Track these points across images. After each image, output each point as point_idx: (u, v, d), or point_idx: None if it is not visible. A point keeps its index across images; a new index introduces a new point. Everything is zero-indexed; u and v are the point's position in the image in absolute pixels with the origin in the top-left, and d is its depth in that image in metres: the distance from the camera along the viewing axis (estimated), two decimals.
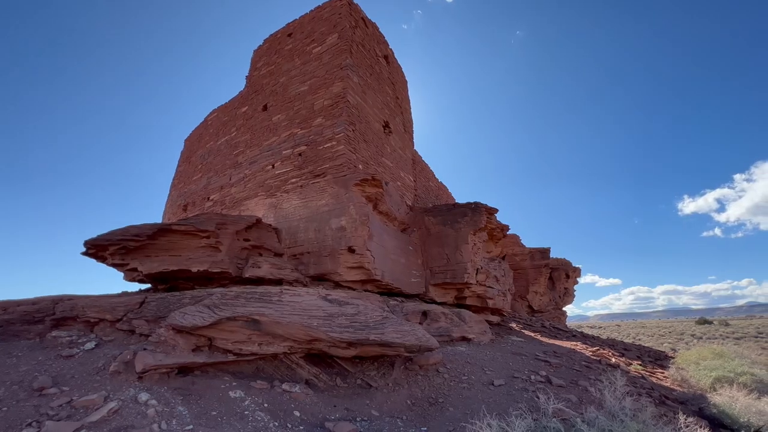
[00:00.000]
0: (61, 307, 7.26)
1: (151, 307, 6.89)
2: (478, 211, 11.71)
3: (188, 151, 17.03)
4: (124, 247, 7.72)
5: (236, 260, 8.31)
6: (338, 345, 5.75)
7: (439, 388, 6.37)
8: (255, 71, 14.22)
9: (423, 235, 12.17)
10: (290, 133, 11.66)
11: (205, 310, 5.78)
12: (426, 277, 11.69)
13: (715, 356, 9.28)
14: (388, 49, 14.61)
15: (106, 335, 6.80)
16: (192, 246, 7.84)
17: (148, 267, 7.78)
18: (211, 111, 16.11)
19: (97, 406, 4.21)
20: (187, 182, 15.80)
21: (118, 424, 3.97)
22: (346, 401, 5.77)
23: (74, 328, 7.08)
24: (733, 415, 5.83)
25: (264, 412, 4.88)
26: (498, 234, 13.33)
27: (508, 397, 6.04)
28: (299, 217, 10.26)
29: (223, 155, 14.12)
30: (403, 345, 5.99)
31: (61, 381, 4.89)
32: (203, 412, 4.58)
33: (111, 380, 4.94)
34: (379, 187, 10.18)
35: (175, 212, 15.68)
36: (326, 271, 9.34)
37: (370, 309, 6.43)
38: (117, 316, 6.93)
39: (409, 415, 5.61)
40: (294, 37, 13.15)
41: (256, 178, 12.13)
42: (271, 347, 5.83)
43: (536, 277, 23.87)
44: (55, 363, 5.46)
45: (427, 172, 17.14)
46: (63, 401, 4.31)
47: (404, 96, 15.55)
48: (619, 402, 4.72)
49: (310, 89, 11.72)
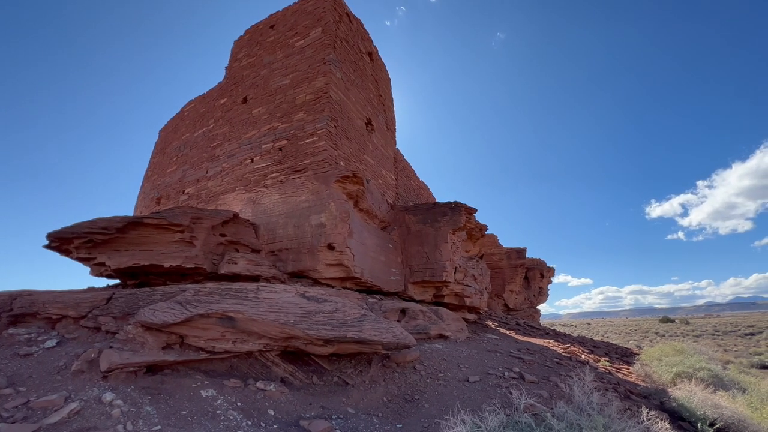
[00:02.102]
0: (19, 303, 6.84)
1: (118, 304, 6.60)
2: (457, 210, 11.86)
3: (163, 142, 16.40)
4: (91, 240, 7.35)
5: (211, 256, 8.08)
6: (315, 342, 5.69)
7: (415, 385, 6.42)
8: (235, 62, 13.84)
9: (403, 234, 12.22)
10: (271, 126, 11.43)
11: (177, 306, 5.58)
12: (405, 275, 11.75)
13: (676, 353, 9.80)
14: (372, 46, 14.55)
15: (69, 333, 6.46)
16: (165, 240, 7.56)
17: (117, 261, 7.45)
18: (188, 102, 15.57)
19: (57, 407, 3.99)
20: (161, 174, 15.22)
21: (80, 426, 3.78)
22: (322, 399, 5.72)
23: (34, 325, 6.68)
24: (691, 408, 6.17)
25: (237, 411, 4.77)
26: (476, 234, 13.55)
27: (482, 394, 6.15)
28: (278, 213, 10.09)
29: (199, 148, 13.68)
30: (380, 342, 6.00)
31: (17, 381, 4.61)
32: (173, 411, 4.43)
33: (73, 380, 4.70)
34: (361, 185, 10.14)
35: (148, 205, 15.08)
36: (305, 268, 9.22)
37: (348, 306, 6.40)
38: (81, 313, 6.60)
39: (384, 412, 5.62)
40: (276, 29, 12.88)
41: (235, 172, 11.83)
42: (246, 345, 5.70)
43: (512, 277, 24.47)
44: (11, 362, 5.14)
45: (408, 171, 17.21)
46: (19, 402, 4.06)
47: (387, 94, 15.53)
48: (587, 397, 4.89)
49: (292, 83, 11.52)
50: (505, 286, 24.17)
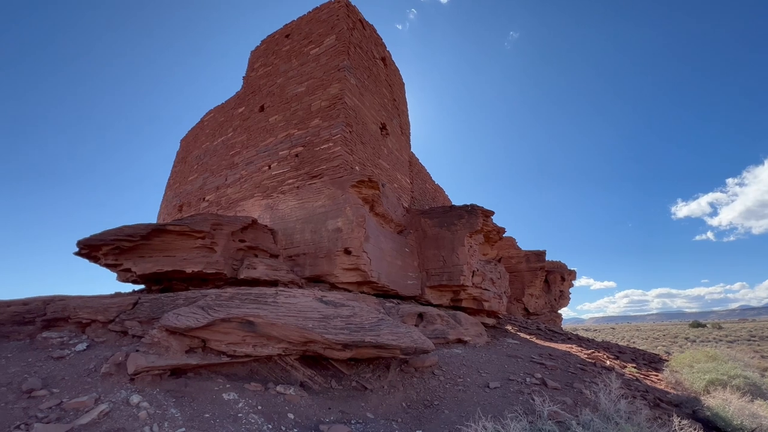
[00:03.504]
0: (52, 308, 7.16)
1: (144, 308, 6.81)
2: (474, 213, 11.73)
3: (184, 151, 16.93)
4: (118, 247, 7.63)
5: (231, 261, 8.25)
6: (333, 347, 5.71)
7: (434, 391, 6.35)
8: (252, 72, 14.19)
9: (419, 237, 12.16)
10: (287, 134, 11.64)
11: (199, 311, 5.72)
12: (422, 279, 11.67)
13: (708, 359, 9.33)
14: (386, 51, 14.65)
15: (98, 336, 6.72)
16: (187, 246, 7.77)
17: (142, 267, 7.70)
18: (208, 111, 16.04)
19: (88, 408, 4.15)
20: (183, 182, 15.70)
21: (109, 427, 3.91)
22: (341, 403, 5.73)
23: (65, 329, 6.98)
24: (727, 417, 5.86)
25: (258, 414, 4.83)
26: (494, 236, 13.36)
27: (504, 400, 6.02)
28: (295, 219, 10.22)
29: (219, 156, 14.05)
30: (398, 347, 5.96)
31: (51, 383, 4.82)
32: (196, 414, 4.53)
33: (102, 382, 4.87)
34: (376, 189, 10.17)
35: (171, 212, 15.56)
36: (322, 273, 9.29)
37: (365, 311, 6.40)
38: (109, 317, 6.85)
39: (404, 417, 5.58)
40: (292, 39, 13.15)
41: (253, 178, 12.08)
42: (265, 349, 5.78)
43: (532, 280, 23.96)
44: (45, 364, 5.38)
45: (423, 174, 17.16)
46: (53, 403, 4.24)
47: (401, 98, 15.58)
48: (614, 404, 4.72)
49: (308, 90, 11.71)
50: (524, 289, 23.69)
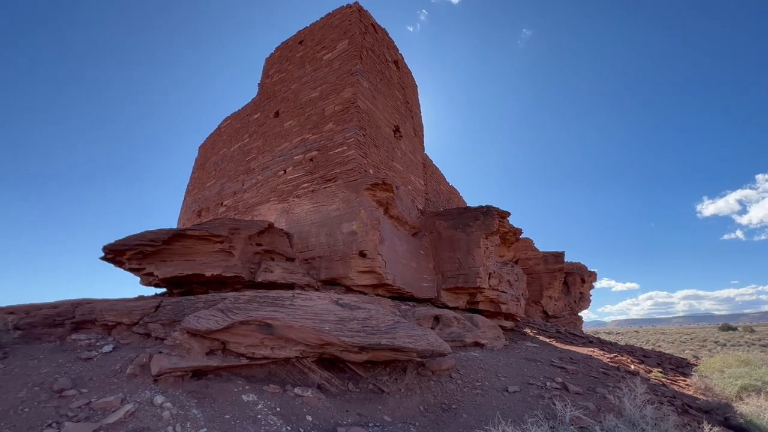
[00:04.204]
0: (80, 311, 7.44)
1: (166, 311, 7.00)
2: (489, 214, 11.59)
3: (202, 157, 17.37)
4: (141, 251, 7.89)
5: (249, 265, 8.40)
6: (350, 349, 5.73)
7: (452, 394, 6.28)
8: (267, 78, 14.46)
9: (434, 239, 12.09)
10: (301, 138, 11.79)
11: (219, 313, 5.84)
12: (437, 282, 11.59)
13: (740, 364, 8.91)
14: (398, 54, 14.69)
15: (123, 338, 6.94)
16: (206, 251, 7.96)
17: (164, 271, 7.93)
18: (225, 118, 16.43)
19: (114, 408, 4.29)
20: (201, 188, 16.10)
21: (135, 426, 4.03)
22: (359, 406, 5.73)
23: (93, 331, 7.24)
24: (762, 425, 5.57)
25: (276, 416, 4.89)
26: (511, 238, 13.16)
27: (524, 404, 5.91)
28: (311, 222, 10.33)
29: (236, 161, 14.35)
30: (415, 350, 5.93)
31: (80, 383, 5.00)
32: (217, 415, 4.62)
33: (127, 382, 5.02)
34: (390, 192, 10.18)
35: (190, 218, 15.97)
36: (337, 276, 9.35)
37: (381, 313, 6.40)
38: (133, 320, 7.07)
39: (422, 421, 5.53)
40: (305, 45, 13.35)
41: (269, 183, 12.28)
42: (283, 351, 5.85)
43: (550, 282, 23.45)
44: (74, 365, 5.59)
45: (437, 176, 17.08)
46: (82, 403, 4.40)
47: (414, 100, 15.57)
48: (639, 410, 4.56)
49: (321, 95, 11.85)
50: (542, 292, 23.20)
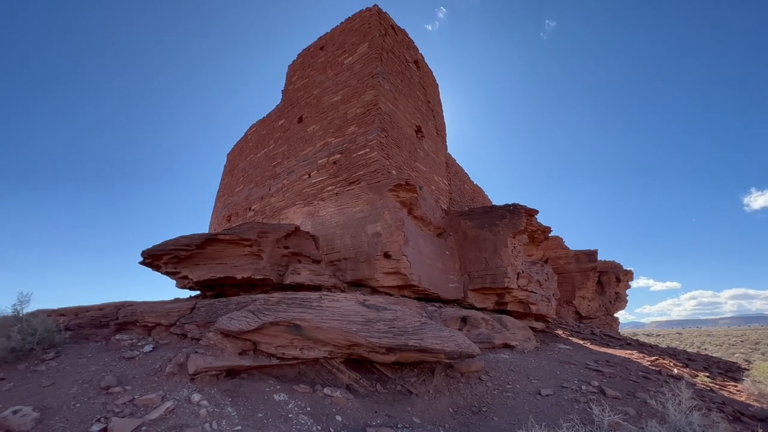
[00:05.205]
0: (123, 313, 7.89)
1: (200, 313, 7.29)
2: (516, 212, 11.30)
3: (230, 164, 18.01)
4: (176, 256, 8.26)
5: (277, 267, 8.60)
6: (377, 350, 5.74)
7: (482, 397, 6.16)
8: (290, 85, 14.81)
9: (460, 239, 11.93)
10: (325, 142, 11.98)
11: (250, 315, 6.01)
12: (464, 282, 11.42)
13: None
14: (418, 54, 14.64)
15: (162, 339, 7.29)
16: (236, 254, 8.23)
17: (197, 274, 8.26)
18: (251, 125, 16.96)
19: (156, 405, 4.50)
20: (230, 194, 16.68)
21: (174, 423, 4.22)
22: (387, 407, 5.73)
23: (134, 332, 7.65)
24: None
25: (307, 415, 4.97)
26: (539, 236, 12.77)
27: (558, 408, 5.70)
28: (335, 224, 10.46)
29: (262, 167, 14.78)
30: (443, 351, 5.86)
31: (124, 381, 5.29)
32: (250, 413, 4.75)
33: (167, 381, 5.27)
34: (413, 192, 10.14)
35: (221, 223, 16.58)
36: (363, 277, 9.41)
37: (408, 314, 6.37)
38: (171, 321, 7.41)
39: (451, 423, 5.46)
40: (326, 50, 13.56)
41: (294, 187, 12.55)
42: (312, 352, 5.94)
43: (583, 282, 22.53)
44: (119, 364, 5.93)
45: (461, 175, 16.85)
46: (126, 399, 4.65)
47: (436, 99, 15.46)
48: (685, 416, 4.29)
49: (343, 99, 11.99)
50: (575, 292, 22.33)
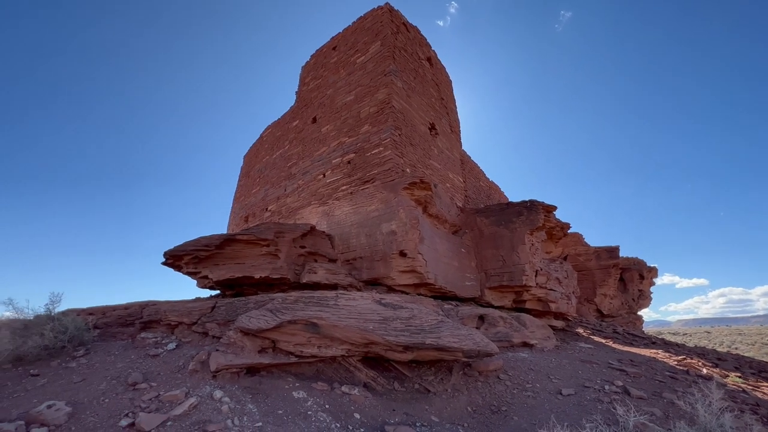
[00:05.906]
0: (147, 312, 8.15)
1: (221, 312, 7.46)
2: (534, 209, 11.09)
3: (247, 166, 18.33)
4: (196, 256, 8.47)
5: (294, 266, 8.72)
6: (394, 349, 5.74)
7: (501, 396, 6.08)
8: (304, 86, 14.95)
9: (476, 237, 11.80)
10: (339, 142, 12.04)
11: (268, 313, 6.11)
12: (481, 280, 11.29)
13: None
14: (431, 51, 14.53)
15: (185, 337, 7.49)
16: (254, 254, 8.38)
17: (217, 274, 8.46)
18: (266, 127, 17.21)
19: (180, 401, 4.64)
20: (247, 195, 16.98)
21: (198, 418, 4.33)
22: (405, 405, 5.72)
23: (158, 330, 7.90)
24: None
25: (326, 413, 5.02)
26: (558, 233, 12.50)
27: (580, 408, 5.57)
28: (351, 223, 10.50)
29: (278, 168, 14.98)
30: (460, 349, 5.82)
31: (150, 377, 5.47)
32: (270, 410, 4.83)
33: (190, 378, 5.41)
34: (428, 190, 10.08)
35: (238, 223, 16.91)
36: (379, 276, 9.42)
37: (424, 313, 6.35)
38: (193, 320, 7.61)
39: (470, 422, 5.41)
40: (338, 50, 13.62)
41: (309, 187, 12.67)
42: (329, 350, 5.99)
43: (604, 279, 21.93)
44: (144, 361, 6.13)
45: (476, 172, 16.65)
46: (152, 395, 4.81)
47: (449, 96, 15.32)
48: (716, 418, 4.12)
49: (356, 98, 12.02)
50: (596, 289, 21.76)
